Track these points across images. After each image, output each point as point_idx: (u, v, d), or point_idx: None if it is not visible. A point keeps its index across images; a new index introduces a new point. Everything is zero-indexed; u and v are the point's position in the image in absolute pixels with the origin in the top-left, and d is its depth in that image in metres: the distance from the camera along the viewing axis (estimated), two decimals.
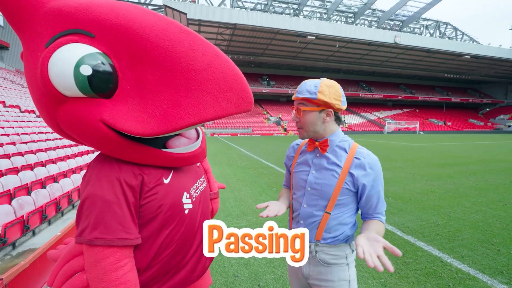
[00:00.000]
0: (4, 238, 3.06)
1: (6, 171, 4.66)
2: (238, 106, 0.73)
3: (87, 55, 0.61)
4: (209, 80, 0.68)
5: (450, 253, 2.90)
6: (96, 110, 0.65)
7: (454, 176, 7.07)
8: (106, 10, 0.65)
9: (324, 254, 1.08)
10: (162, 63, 0.65)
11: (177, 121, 0.67)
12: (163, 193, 0.80)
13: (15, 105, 11.61)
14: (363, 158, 1.04)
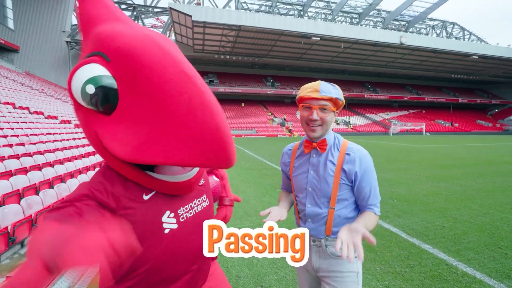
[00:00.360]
0: (13, 237, 3.13)
1: (15, 171, 4.76)
2: (210, 161, 0.69)
3: (94, 77, 0.69)
4: (185, 127, 0.66)
5: (456, 256, 2.86)
6: (95, 122, 0.74)
7: (461, 178, 6.97)
8: (127, 41, 0.69)
9: (333, 247, 1.13)
10: (151, 98, 0.67)
11: (145, 156, 0.69)
12: (139, 209, 0.79)
13: (24, 106, 11.86)
14: (353, 153, 1.10)
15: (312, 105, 1.08)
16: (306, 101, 1.09)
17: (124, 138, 0.71)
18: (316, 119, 1.08)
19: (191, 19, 25.10)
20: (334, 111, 1.11)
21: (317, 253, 1.16)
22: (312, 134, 1.11)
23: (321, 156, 1.14)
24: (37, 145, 6.91)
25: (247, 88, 39.38)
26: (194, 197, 0.94)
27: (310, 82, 1.15)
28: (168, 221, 0.84)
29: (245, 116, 37.29)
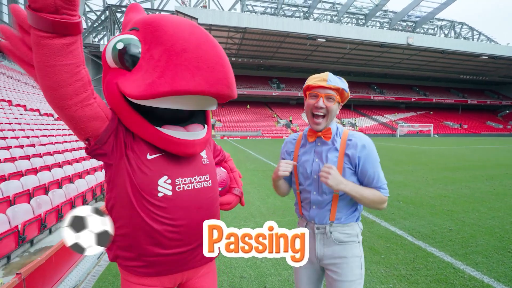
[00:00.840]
0: (23, 235, 3.21)
1: (26, 171, 4.89)
2: (212, 85, 0.79)
3: (123, 38, 0.85)
4: (192, 58, 0.78)
5: (463, 260, 2.81)
6: (117, 76, 0.85)
7: (470, 180, 6.83)
8: (155, 16, 0.89)
9: (338, 233, 1.15)
10: (165, 43, 0.80)
11: (156, 88, 0.77)
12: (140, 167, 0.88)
13: (35, 108, 12.15)
14: (355, 138, 1.15)
15: (319, 93, 1.11)
16: (313, 89, 1.13)
17: (139, 81, 0.81)
18: (322, 106, 1.11)
19: (197, 22, 25.36)
20: (339, 102, 1.15)
21: (322, 241, 1.17)
22: (316, 127, 1.15)
23: (326, 144, 1.17)
24: (46, 146, 7.07)
25: (252, 90, 39.46)
26: (195, 173, 0.97)
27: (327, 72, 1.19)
28: (164, 186, 0.88)
29: (250, 118, 37.35)
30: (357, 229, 1.19)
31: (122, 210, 0.88)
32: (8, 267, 3.04)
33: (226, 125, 33.97)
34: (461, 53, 33.99)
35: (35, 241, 3.57)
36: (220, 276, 2.53)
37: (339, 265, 1.15)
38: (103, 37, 34.37)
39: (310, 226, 1.19)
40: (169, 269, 0.93)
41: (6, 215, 3.24)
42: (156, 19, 0.86)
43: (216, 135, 30.85)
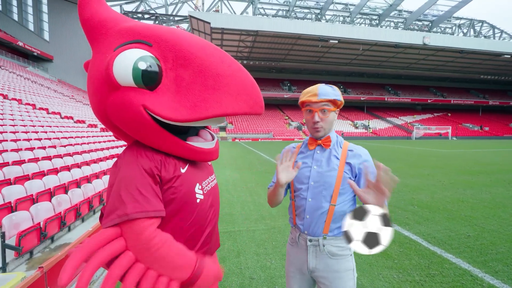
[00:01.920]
0: (45, 232, 3.38)
1: (47, 171, 5.14)
2: (252, 108, 0.89)
3: (144, 56, 0.82)
4: (231, 85, 0.86)
5: (482, 267, 2.70)
6: (140, 97, 0.83)
7: (490, 185, 6.53)
8: (164, 30, 0.89)
9: (331, 246, 1.15)
10: (198, 68, 0.84)
11: (202, 112, 0.83)
12: (180, 181, 0.92)
13: (56, 111, 12.75)
14: (355, 149, 1.19)
15: (313, 108, 1.15)
16: (307, 104, 1.17)
17: (176, 104, 0.83)
18: (318, 121, 1.15)
19: (209, 26, 25.82)
20: (334, 111, 1.18)
21: (314, 253, 1.16)
22: (317, 134, 1.19)
23: (325, 151, 1.20)
24: (67, 148, 7.40)
25: (264, 92, 39.56)
26: (209, 174, 1.09)
27: (319, 85, 1.20)
28: (198, 192, 0.98)
29: (261, 120, 37.43)
30: None
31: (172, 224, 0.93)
32: (31, 261, 3.21)
33: (238, 127, 34.19)
34: (482, 52, 32.66)
35: (55, 237, 3.75)
36: (230, 277, 2.57)
37: (331, 280, 1.14)
38: None
39: (302, 237, 1.19)
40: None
41: (30, 212, 3.42)
42: (175, 37, 0.86)
43: (227, 137, 31.11)
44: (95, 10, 0.92)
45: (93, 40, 0.92)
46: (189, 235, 0.95)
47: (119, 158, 0.92)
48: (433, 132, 36.86)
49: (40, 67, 31.46)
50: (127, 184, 0.83)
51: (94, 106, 0.92)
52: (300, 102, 1.21)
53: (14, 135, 6.99)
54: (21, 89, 15.36)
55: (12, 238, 3.04)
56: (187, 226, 0.94)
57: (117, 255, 0.80)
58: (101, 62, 0.85)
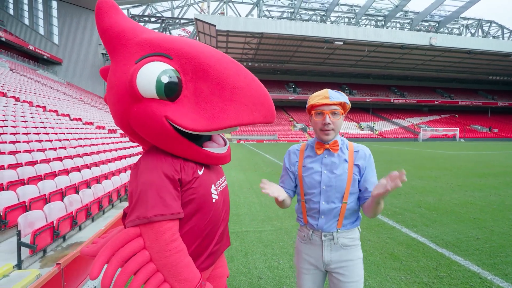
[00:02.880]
0: (58, 231, 3.48)
1: (59, 172, 5.27)
2: (265, 117, 0.96)
3: (166, 69, 0.87)
4: (247, 96, 0.92)
5: (491, 270, 2.68)
6: (163, 109, 0.88)
7: (500, 187, 6.44)
8: (184, 43, 0.93)
9: (343, 238, 1.23)
10: (215, 80, 0.89)
11: (221, 122, 0.89)
12: (198, 183, 0.98)
13: (65, 113, 13.02)
14: (361, 150, 1.25)
15: (324, 110, 1.18)
16: (318, 107, 1.19)
17: (195, 115, 0.89)
18: (329, 123, 1.18)
19: (215, 28, 26.06)
20: (342, 114, 1.22)
21: (329, 247, 1.23)
22: (327, 137, 1.21)
23: (334, 156, 1.23)
24: (76, 149, 7.56)
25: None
26: (220, 175, 1.16)
27: (333, 87, 1.28)
28: (214, 192, 1.05)
29: None
30: (358, 233, 1.28)
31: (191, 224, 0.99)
32: (44, 259, 3.30)
33: (242, 129, 34.30)
34: (490, 52, 32.16)
35: (67, 236, 3.84)
36: (238, 276, 2.60)
37: (345, 268, 1.22)
38: None
39: (316, 234, 1.25)
40: (215, 258, 1.09)
41: (43, 211, 3.53)
42: (194, 51, 0.90)
43: (232, 139, 31.23)
44: (114, 20, 0.94)
45: (112, 50, 0.96)
46: (206, 234, 1.01)
47: (140, 162, 0.96)
48: (440, 133, 36.35)
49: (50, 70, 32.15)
50: (148, 188, 0.88)
51: (116, 115, 0.97)
52: (310, 106, 1.22)
53: (26, 137, 7.18)
54: (32, 92, 15.73)
55: (27, 236, 3.14)
56: (205, 225, 1.00)
57: (135, 253, 0.88)
58: (123, 74, 0.89)
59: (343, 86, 43.59)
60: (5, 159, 5.21)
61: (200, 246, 1.01)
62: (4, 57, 25.33)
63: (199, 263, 1.00)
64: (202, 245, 1.01)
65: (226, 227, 1.16)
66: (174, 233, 0.89)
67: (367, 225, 3.94)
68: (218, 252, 1.09)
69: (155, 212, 0.86)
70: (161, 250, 0.86)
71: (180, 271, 0.88)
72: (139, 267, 0.86)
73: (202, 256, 1.02)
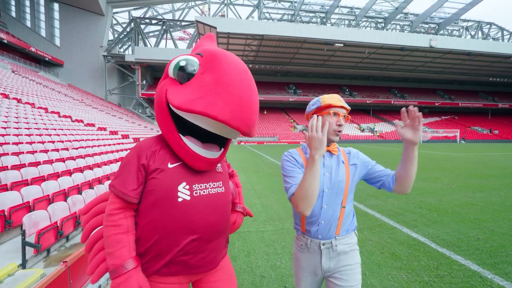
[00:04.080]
0: (61, 231, 3.51)
1: (61, 173, 5.31)
2: (235, 120, 0.91)
3: (188, 58, 1.01)
4: (229, 93, 0.92)
5: (492, 269, 2.71)
6: (170, 85, 1.01)
7: (500, 188, 6.46)
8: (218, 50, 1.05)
9: (341, 245, 1.24)
10: (215, 73, 0.96)
11: (191, 106, 0.92)
12: (162, 175, 0.98)
13: (67, 115, 13.08)
14: (351, 151, 1.33)
15: (340, 113, 1.22)
16: (335, 108, 1.22)
17: (184, 94, 0.96)
18: (343, 124, 1.23)
19: (216, 30, 26.17)
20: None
21: (328, 255, 1.22)
22: (337, 138, 1.25)
23: (333, 158, 1.27)
24: (78, 150, 7.60)
25: (269, 96, 39.72)
26: (210, 179, 1.07)
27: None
28: (183, 191, 0.97)
29: (267, 123, 37.52)
30: (355, 237, 1.29)
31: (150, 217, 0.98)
32: (48, 259, 3.33)
33: None
34: (490, 54, 32.23)
35: (70, 236, 3.87)
36: (241, 275, 2.63)
37: (343, 273, 1.22)
38: (128, 48, 36.34)
39: (314, 243, 1.23)
40: (186, 270, 1.01)
41: (47, 211, 3.56)
42: (218, 53, 1.01)
43: (233, 141, 31.27)
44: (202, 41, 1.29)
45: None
46: (166, 234, 0.94)
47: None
48: (441, 135, 36.35)
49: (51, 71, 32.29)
50: (122, 162, 1.01)
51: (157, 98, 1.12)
52: (327, 105, 1.20)
53: (29, 138, 7.23)
54: (34, 93, 15.81)
55: (31, 236, 3.17)
56: (163, 222, 0.94)
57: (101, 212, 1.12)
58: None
59: (344, 88, 43.68)
60: (8, 160, 5.25)
61: (157, 246, 0.95)
62: (6, 59, 25.46)
63: (159, 266, 0.96)
64: (159, 245, 0.95)
65: (209, 242, 1.02)
66: (117, 208, 0.96)
67: (368, 225, 3.97)
68: (188, 265, 0.99)
69: (112, 183, 0.98)
70: (104, 218, 0.97)
71: (109, 244, 0.94)
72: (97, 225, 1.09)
73: (162, 259, 0.96)
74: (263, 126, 36.27)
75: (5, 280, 2.76)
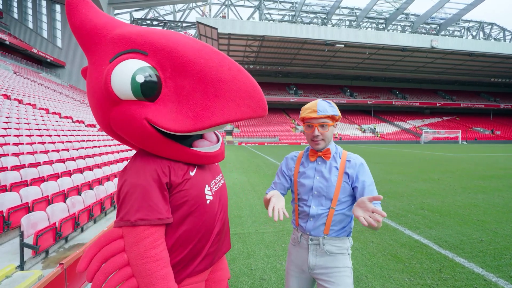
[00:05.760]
0: (60, 232, 3.48)
1: (61, 173, 5.29)
2: (255, 111, 0.87)
3: (141, 67, 0.79)
4: (233, 90, 0.82)
5: (496, 272, 2.66)
6: (142, 110, 0.81)
7: (503, 189, 6.39)
8: (159, 36, 0.83)
9: (330, 245, 1.24)
10: (197, 75, 0.81)
11: (206, 121, 0.81)
12: (190, 184, 0.93)
13: (68, 116, 13.10)
14: (353, 160, 1.27)
15: (313, 123, 1.23)
16: (307, 120, 1.25)
17: (178, 114, 0.82)
18: (318, 135, 1.23)
19: (216, 31, 26.22)
20: (332, 125, 1.26)
21: (314, 251, 1.25)
22: (317, 147, 1.27)
23: (326, 163, 1.28)
24: (79, 151, 7.60)
25: (270, 97, 39.71)
26: (216, 174, 1.10)
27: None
28: (208, 193, 0.99)
29: (268, 124, 37.49)
30: (348, 243, 1.28)
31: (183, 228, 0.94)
32: (46, 260, 3.31)
33: (244, 131, 34.32)
34: (492, 55, 32.13)
35: (69, 238, 3.85)
36: (240, 277, 2.60)
37: (331, 275, 1.22)
38: None
39: (304, 237, 1.28)
40: (213, 260, 1.04)
41: (46, 212, 3.54)
42: (170, 43, 0.82)
43: (234, 141, 31.24)
44: (85, 15, 0.87)
45: (87, 49, 0.89)
46: (201, 235, 0.97)
47: (128, 164, 0.94)
48: (442, 136, 36.21)
49: (53, 73, 32.41)
50: (134, 191, 0.85)
51: (97, 119, 0.92)
52: (301, 118, 1.29)
53: (29, 139, 7.23)
54: (35, 94, 15.85)
55: (29, 237, 3.15)
56: (199, 227, 0.95)
57: (115, 254, 0.86)
58: (98, 75, 0.83)
59: (345, 89, 43.62)
60: (8, 160, 5.24)
61: (195, 248, 0.96)
62: (8, 60, 25.58)
63: (194, 266, 0.96)
64: (196, 247, 0.96)
65: (225, 227, 1.10)
66: (155, 239, 0.84)
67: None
68: (215, 254, 1.05)
69: (139, 216, 0.83)
70: (139, 255, 0.82)
71: (154, 281, 0.82)
72: (116, 268, 0.85)
73: (197, 258, 0.97)
74: (264, 127, 36.24)
75: (3, 281, 2.74)
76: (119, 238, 0.87)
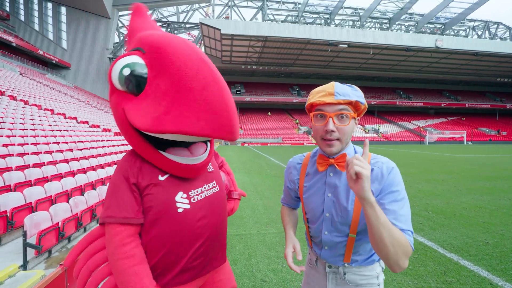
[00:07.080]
0: (63, 232, 3.51)
1: (65, 173, 5.34)
2: (215, 131, 0.78)
3: (131, 63, 0.84)
4: (196, 100, 0.76)
5: (502, 276, 2.61)
6: (123, 100, 0.86)
7: (509, 191, 6.28)
8: (158, 37, 0.87)
9: (353, 274, 0.95)
10: (171, 76, 0.79)
11: (163, 125, 0.78)
12: (156, 189, 0.89)
13: (73, 116, 13.22)
14: (377, 168, 0.87)
15: (327, 112, 0.86)
16: (318, 107, 0.88)
17: (146, 112, 0.81)
18: (333, 130, 0.85)
19: (220, 32, 26.29)
20: (354, 118, 0.89)
21: (334, 280, 0.99)
22: (329, 149, 0.88)
23: (341, 175, 0.91)
24: (83, 151, 7.66)
25: (273, 97, 39.69)
26: (204, 182, 1.02)
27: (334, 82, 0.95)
28: (181, 201, 0.92)
29: (271, 125, 37.46)
30: (378, 268, 0.97)
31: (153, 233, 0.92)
32: (49, 260, 3.33)
33: (247, 132, 34.34)
34: (498, 54, 31.70)
35: (72, 238, 3.87)
36: (242, 279, 2.58)
37: None
38: None
39: (321, 262, 1.02)
40: (197, 274, 0.98)
41: (49, 212, 3.56)
42: (164, 44, 0.83)
43: (237, 142, 31.28)
44: (133, 21, 1.03)
45: (126, 47, 1.01)
46: (172, 246, 0.91)
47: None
48: (447, 136, 35.82)
49: (58, 74, 32.79)
50: (109, 190, 0.89)
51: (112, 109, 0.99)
52: (309, 105, 0.92)
53: (34, 139, 7.30)
54: (41, 95, 16.04)
55: (32, 237, 3.17)
56: (167, 236, 0.90)
57: (98, 251, 0.91)
58: None
59: None
60: (13, 160, 5.30)
61: (167, 259, 0.91)
62: (15, 62, 25.95)
63: (170, 277, 0.92)
64: (169, 257, 0.91)
65: (214, 241, 1.01)
66: (125, 237, 0.84)
67: None
68: (200, 269, 0.98)
69: (107, 214, 0.85)
70: (111, 253, 0.84)
71: (127, 278, 0.82)
72: (96, 266, 0.88)
73: (173, 270, 0.93)
74: (266, 127, 36.22)
75: (6, 281, 2.76)
76: (101, 236, 0.91)
